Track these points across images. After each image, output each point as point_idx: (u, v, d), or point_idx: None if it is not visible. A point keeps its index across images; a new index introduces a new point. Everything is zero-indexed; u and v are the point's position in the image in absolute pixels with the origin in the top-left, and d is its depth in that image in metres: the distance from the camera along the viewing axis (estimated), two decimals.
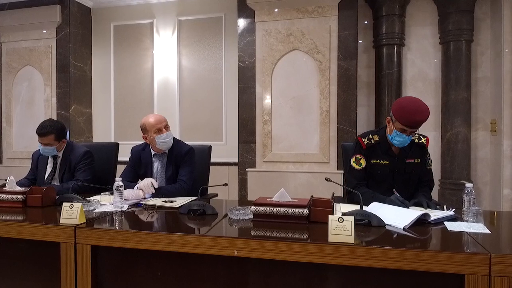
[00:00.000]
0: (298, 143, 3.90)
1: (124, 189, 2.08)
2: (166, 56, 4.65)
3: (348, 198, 2.40)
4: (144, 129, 2.39)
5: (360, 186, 2.07)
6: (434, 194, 3.96)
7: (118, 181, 1.96)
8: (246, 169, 3.91)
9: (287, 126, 3.92)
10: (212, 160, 2.85)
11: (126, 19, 4.82)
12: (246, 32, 4.00)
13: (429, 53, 4.07)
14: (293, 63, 3.90)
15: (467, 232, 1.51)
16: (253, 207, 1.76)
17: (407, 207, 1.83)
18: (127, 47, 4.82)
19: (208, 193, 2.73)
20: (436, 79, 4.05)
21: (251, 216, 1.76)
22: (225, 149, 4.43)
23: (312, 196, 1.79)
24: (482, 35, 3.96)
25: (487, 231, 1.51)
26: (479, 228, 1.54)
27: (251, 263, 1.53)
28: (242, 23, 4.02)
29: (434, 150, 4.03)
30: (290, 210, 1.71)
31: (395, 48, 4.00)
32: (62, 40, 4.62)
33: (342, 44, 3.80)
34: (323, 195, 1.89)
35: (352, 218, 1.42)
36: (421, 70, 4.09)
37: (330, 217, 1.44)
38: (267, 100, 3.94)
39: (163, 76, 4.68)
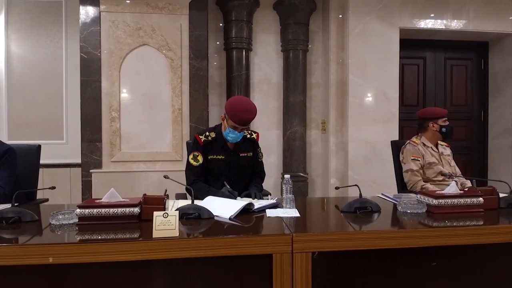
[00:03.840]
0: (150, 142, 3.80)
1: None
2: None
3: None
4: None
5: (197, 182, 2.16)
6: (277, 186, 4.40)
7: None
8: (90, 170, 3.62)
9: (137, 124, 3.78)
10: (51, 161, 2.55)
11: None
12: (90, 21, 3.69)
13: (273, 59, 4.48)
14: (144, 58, 3.78)
15: (281, 217, 1.71)
16: (78, 210, 1.63)
17: (236, 196, 1.99)
18: None
19: (37, 197, 2.43)
20: (279, 83, 4.48)
21: (76, 220, 1.64)
22: (66, 148, 4.01)
23: (144, 194, 1.77)
24: (315, 46, 4.56)
25: (297, 214, 1.75)
26: (292, 212, 1.77)
27: (75, 269, 1.42)
28: (84, 11, 3.69)
29: (277, 147, 4.47)
30: (120, 210, 1.65)
31: (244, 52, 4.27)
32: None
33: (193, 43, 3.86)
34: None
35: (176, 213, 1.45)
36: (266, 74, 4.47)
37: (154, 213, 1.44)
38: (115, 96, 3.72)
39: None
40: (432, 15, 4.26)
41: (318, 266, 1.47)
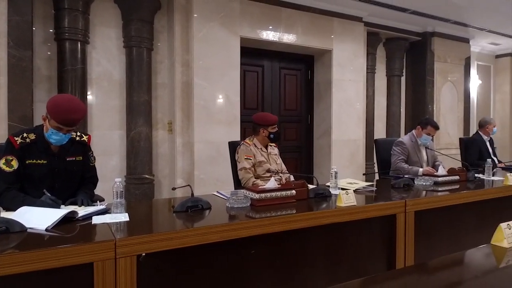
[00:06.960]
0: None
1: None
2: None
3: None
4: None
5: (11, 190, 1.87)
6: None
7: None
8: None
9: None
10: None
11: None
12: None
13: (114, 55, 4.22)
14: None
15: (108, 223, 1.63)
16: None
17: (59, 205, 1.80)
18: None
19: None
20: (121, 80, 4.25)
21: None
22: None
23: None
24: (161, 45, 4.49)
25: (127, 219, 1.70)
26: (122, 217, 1.71)
27: None
28: None
29: (120, 148, 4.24)
30: None
31: (79, 45, 3.88)
32: None
33: (13, 30, 3.31)
34: None
35: None
36: (106, 70, 4.18)
37: None
38: None
39: None
40: (270, 27, 4.73)
41: (145, 268, 1.47)
